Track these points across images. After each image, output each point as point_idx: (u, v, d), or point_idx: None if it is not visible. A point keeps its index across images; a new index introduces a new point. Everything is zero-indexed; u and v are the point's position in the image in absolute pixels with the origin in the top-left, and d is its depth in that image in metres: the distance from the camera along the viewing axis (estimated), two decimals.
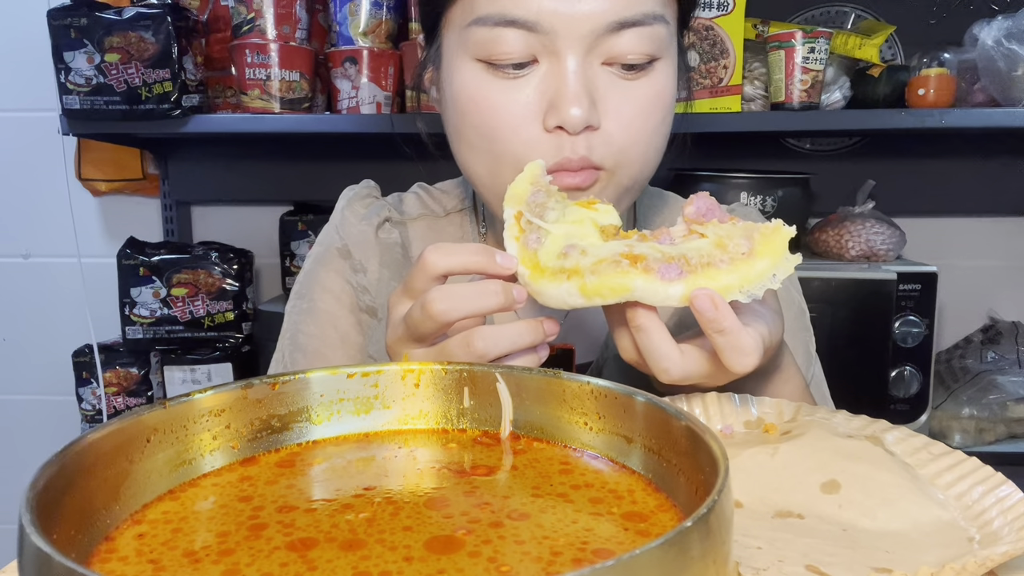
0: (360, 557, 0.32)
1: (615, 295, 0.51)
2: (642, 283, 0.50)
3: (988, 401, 1.58)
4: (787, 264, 0.51)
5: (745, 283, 0.50)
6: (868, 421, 0.55)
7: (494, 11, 0.63)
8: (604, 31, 0.62)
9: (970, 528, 0.43)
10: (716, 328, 0.50)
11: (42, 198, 1.90)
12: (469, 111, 0.66)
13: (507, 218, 0.57)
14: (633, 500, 0.38)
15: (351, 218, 0.83)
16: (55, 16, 1.47)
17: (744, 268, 0.50)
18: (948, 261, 1.74)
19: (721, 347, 0.51)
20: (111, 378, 1.71)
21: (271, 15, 1.47)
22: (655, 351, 0.53)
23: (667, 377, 0.53)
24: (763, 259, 0.50)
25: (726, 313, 0.50)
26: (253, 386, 0.43)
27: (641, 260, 0.51)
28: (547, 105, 0.64)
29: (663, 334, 0.52)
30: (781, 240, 0.51)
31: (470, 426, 0.46)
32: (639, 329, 0.53)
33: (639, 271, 0.50)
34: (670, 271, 0.50)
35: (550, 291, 0.53)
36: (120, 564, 0.33)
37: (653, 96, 0.66)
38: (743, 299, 0.50)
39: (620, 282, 0.50)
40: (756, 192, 1.54)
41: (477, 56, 0.65)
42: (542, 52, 0.64)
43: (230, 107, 1.65)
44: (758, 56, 1.53)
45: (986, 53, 1.45)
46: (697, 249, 0.51)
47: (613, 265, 0.51)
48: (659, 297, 0.51)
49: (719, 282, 0.50)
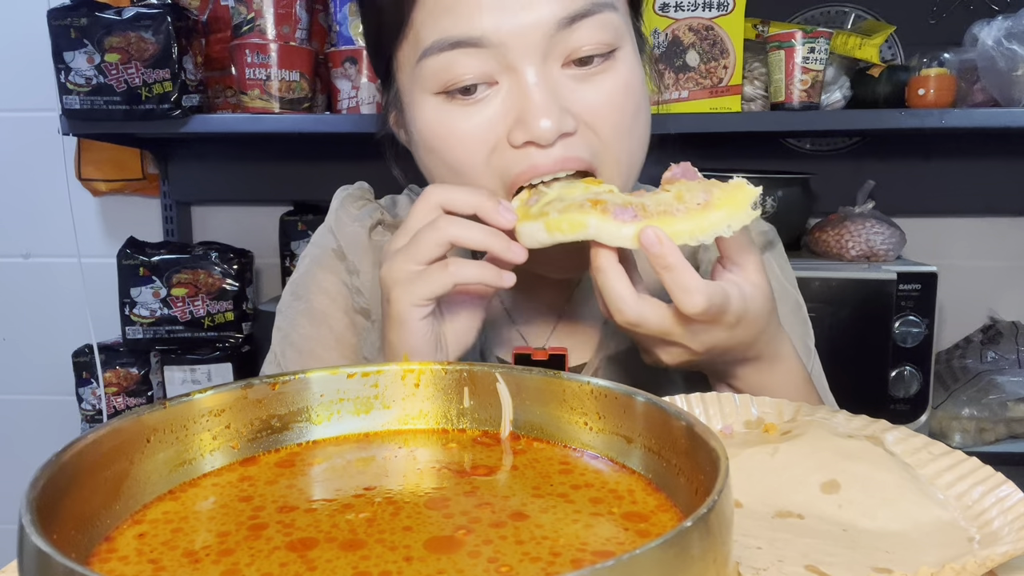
0: (360, 557, 0.32)
1: (572, 231, 0.55)
2: (596, 221, 0.54)
3: (988, 401, 1.57)
4: (745, 217, 0.54)
5: (697, 231, 0.54)
6: (868, 421, 0.55)
7: (438, 37, 0.62)
8: (555, 30, 0.61)
9: (970, 528, 0.43)
10: (662, 264, 0.54)
11: (42, 198, 1.90)
12: (436, 147, 0.65)
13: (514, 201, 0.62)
14: (633, 500, 0.38)
15: (345, 219, 0.83)
16: (55, 16, 1.47)
17: (698, 217, 0.54)
18: (948, 261, 1.74)
19: (668, 285, 0.54)
20: (111, 378, 1.71)
21: (271, 15, 1.47)
22: (610, 291, 0.56)
23: (621, 317, 0.56)
24: (719, 210, 0.54)
25: (671, 248, 0.53)
26: (253, 386, 0.43)
27: (601, 203, 0.55)
28: (513, 122, 0.62)
29: (620, 277, 0.56)
30: (743, 195, 0.55)
31: (470, 426, 0.46)
32: (597, 270, 0.56)
33: (597, 211, 0.55)
34: (625, 213, 0.54)
35: (524, 230, 0.58)
36: (120, 564, 0.33)
37: (622, 86, 0.65)
38: (692, 243, 0.54)
39: (577, 218, 0.55)
40: None
41: (434, 90, 0.64)
42: (498, 71, 0.62)
43: (230, 107, 1.65)
44: (758, 56, 1.53)
45: (986, 53, 1.45)
46: (657, 199, 0.56)
47: (577, 208, 0.55)
48: (612, 236, 0.54)
49: (671, 227, 0.54)
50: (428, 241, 0.57)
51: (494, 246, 0.57)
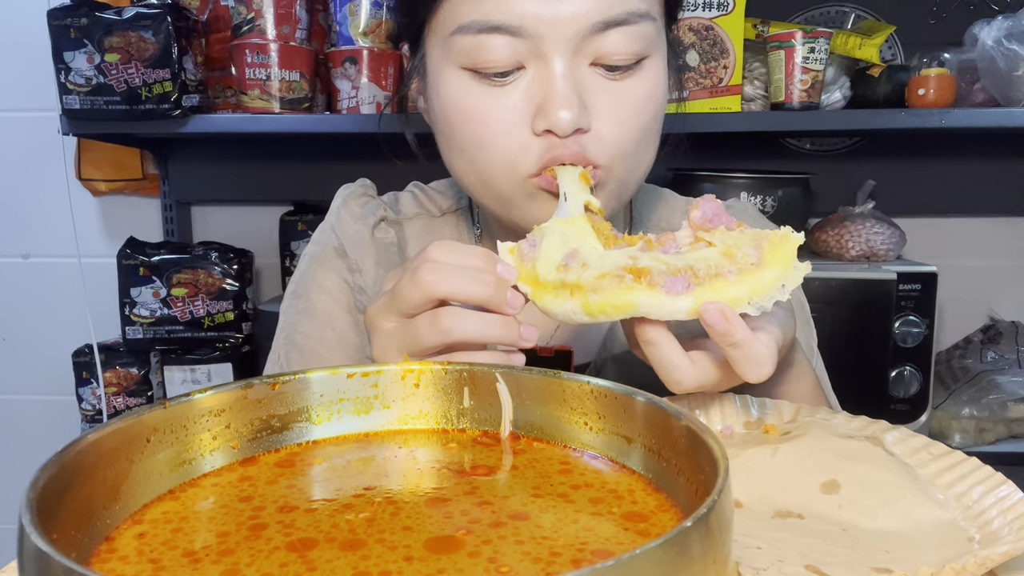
0: (360, 557, 0.32)
1: (620, 312, 0.50)
2: (647, 299, 0.49)
3: (988, 401, 1.57)
4: (796, 274, 0.50)
5: (754, 294, 0.49)
6: (868, 421, 0.55)
7: (477, 18, 0.62)
8: (589, 32, 0.62)
9: (970, 528, 0.43)
10: (729, 341, 0.49)
11: (42, 198, 1.90)
12: (457, 121, 0.66)
13: (501, 251, 0.56)
14: (633, 500, 0.38)
15: (347, 217, 0.83)
16: (55, 16, 1.47)
17: (753, 279, 0.49)
18: (948, 261, 1.74)
19: (735, 359, 0.50)
20: (111, 378, 1.71)
21: (271, 15, 1.47)
22: (667, 363, 0.51)
23: (680, 388, 0.52)
24: (772, 268, 0.49)
25: (738, 325, 0.49)
26: (253, 386, 0.43)
27: (645, 274, 0.49)
28: (535, 109, 0.63)
29: (673, 346, 0.51)
30: (790, 248, 0.50)
31: (470, 426, 0.46)
32: (648, 343, 0.51)
33: (644, 286, 0.49)
34: (676, 284, 0.49)
35: (555, 309, 0.52)
36: (120, 564, 0.33)
37: (644, 95, 0.65)
38: (752, 312, 0.49)
39: (625, 299, 0.49)
40: (756, 192, 1.54)
41: (462, 64, 0.64)
42: (528, 57, 0.63)
43: (230, 107, 1.65)
44: (758, 56, 1.53)
45: (986, 53, 1.45)
46: (704, 259, 0.50)
47: (616, 280, 0.50)
48: (666, 312, 0.49)
49: (728, 294, 0.49)
50: (428, 342, 0.54)
51: (506, 339, 0.54)
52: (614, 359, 0.78)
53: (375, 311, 0.57)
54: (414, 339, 0.54)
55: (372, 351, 0.58)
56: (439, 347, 0.54)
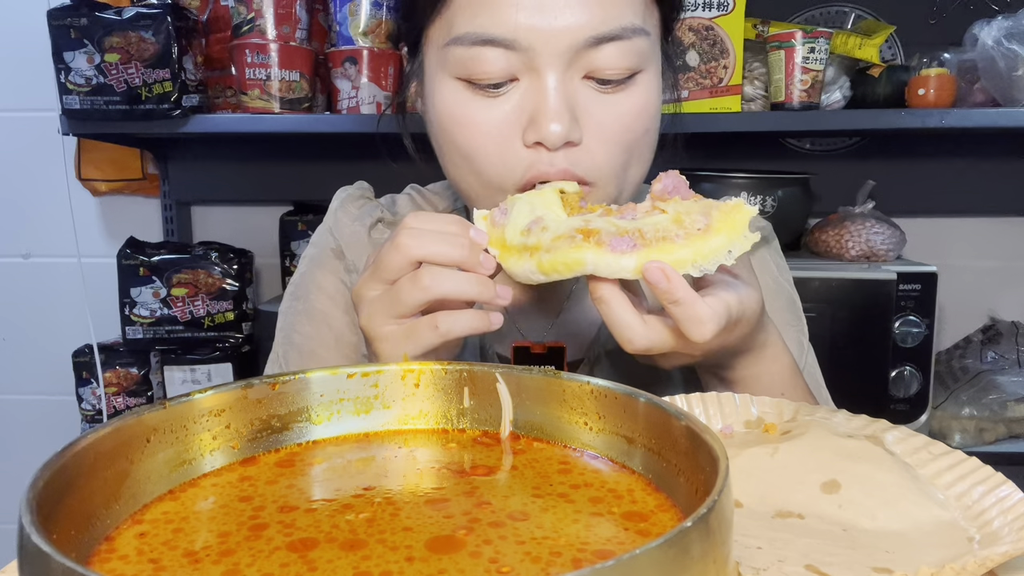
0: (361, 557, 0.32)
1: (570, 270, 0.53)
2: (593, 256, 0.52)
3: (988, 401, 1.57)
4: (744, 241, 0.52)
5: (699, 257, 0.51)
6: (868, 421, 0.55)
7: (472, 30, 0.63)
8: (583, 46, 0.62)
9: (970, 528, 0.43)
10: (670, 299, 0.52)
11: (42, 198, 1.90)
12: (450, 129, 0.67)
13: (476, 217, 0.59)
14: (633, 500, 0.38)
15: (344, 219, 0.83)
16: (55, 16, 1.47)
17: (699, 243, 0.51)
18: (948, 261, 1.74)
19: (677, 318, 0.52)
20: (111, 378, 1.71)
21: (271, 15, 1.47)
22: (618, 322, 0.54)
23: (631, 347, 0.54)
24: (719, 235, 0.51)
25: (679, 284, 0.51)
26: (253, 386, 0.43)
27: (595, 234, 0.52)
28: (527, 121, 0.63)
29: (624, 305, 0.54)
30: (741, 218, 0.52)
31: (470, 426, 0.46)
32: (599, 301, 0.54)
33: (591, 245, 0.52)
34: (622, 243, 0.52)
35: (516, 269, 0.55)
36: (120, 564, 0.33)
37: (636, 109, 0.66)
38: (695, 273, 0.52)
39: (573, 257, 0.52)
40: (756, 192, 1.54)
41: (457, 75, 0.65)
42: (521, 69, 0.63)
43: (230, 107, 1.65)
44: (758, 56, 1.53)
45: (986, 53, 1.45)
46: (654, 224, 0.52)
47: (568, 241, 0.52)
48: (612, 269, 0.52)
49: (672, 255, 0.51)
50: (411, 301, 0.55)
51: (483, 296, 0.56)
52: (607, 354, 0.79)
53: (360, 284, 0.59)
54: (398, 300, 0.56)
55: (360, 321, 0.59)
56: (421, 305, 0.55)
